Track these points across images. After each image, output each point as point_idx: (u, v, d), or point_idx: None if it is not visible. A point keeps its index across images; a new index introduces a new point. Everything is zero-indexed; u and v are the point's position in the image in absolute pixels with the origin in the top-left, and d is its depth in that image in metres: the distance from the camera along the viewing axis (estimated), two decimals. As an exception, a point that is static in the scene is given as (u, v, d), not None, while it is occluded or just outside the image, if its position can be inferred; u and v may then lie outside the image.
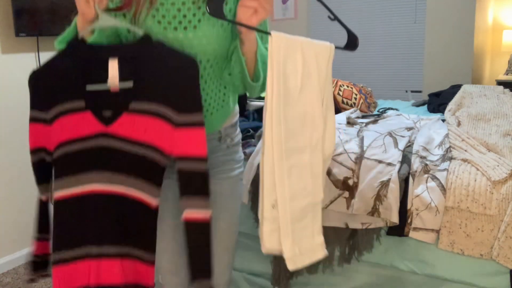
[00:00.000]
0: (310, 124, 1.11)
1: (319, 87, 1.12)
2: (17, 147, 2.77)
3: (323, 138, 1.17)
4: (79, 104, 1.00)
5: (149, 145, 0.99)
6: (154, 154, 0.99)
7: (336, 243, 1.72)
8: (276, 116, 1.04)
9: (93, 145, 0.98)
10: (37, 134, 1.04)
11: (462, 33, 3.78)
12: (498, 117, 2.09)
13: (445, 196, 1.53)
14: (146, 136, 0.98)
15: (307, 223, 1.15)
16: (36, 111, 1.04)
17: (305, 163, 1.11)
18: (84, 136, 0.98)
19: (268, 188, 1.05)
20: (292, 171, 1.08)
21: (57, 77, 1.02)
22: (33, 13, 2.65)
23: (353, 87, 2.59)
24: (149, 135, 0.98)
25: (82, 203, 0.99)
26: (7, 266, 2.75)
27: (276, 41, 1.04)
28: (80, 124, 0.99)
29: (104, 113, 0.99)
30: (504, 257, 1.45)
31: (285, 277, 1.80)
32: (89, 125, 0.99)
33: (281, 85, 1.05)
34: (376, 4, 4.18)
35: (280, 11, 4.65)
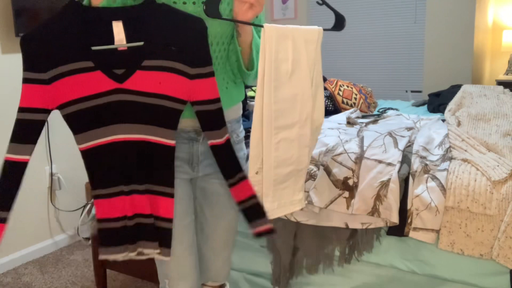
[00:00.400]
0: (300, 104, 1.24)
1: (309, 69, 1.25)
2: (17, 147, 2.77)
3: (313, 111, 1.30)
4: (86, 64, 1.03)
5: (165, 95, 1.07)
6: (170, 102, 1.08)
7: (336, 243, 1.72)
8: (267, 98, 1.18)
9: (109, 101, 1.04)
10: (32, 94, 1.03)
11: (462, 33, 3.78)
12: (498, 117, 2.09)
13: (445, 196, 1.53)
14: (161, 88, 1.06)
15: (289, 184, 1.31)
16: (30, 73, 1.03)
17: (293, 137, 1.26)
18: (98, 93, 1.04)
19: (253, 158, 1.22)
20: (280, 145, 1.24)
21: (55, 38, 1.03)
22: (33, 13, 2.65)
23: (353, 87, 2.59)
24: (164, 87, 1.07)
25: (107, 151, 1.08)
26: (7, 266, 2.75)
27: (269, 32, 1.15)
28: (91, 83, 1.03)
29: (116, 71, 1.04)
30: (504, 257, 1.45)
31: (285, 277, 1.80)
32: (102, 83, 1.03)
33: (272, 71, 1.17)
34: (376, 4, 4.18)
35: (280, 11, 4.65)
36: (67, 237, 3.08)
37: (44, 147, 2.91)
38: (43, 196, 2.93)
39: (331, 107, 2.45)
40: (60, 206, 3.04)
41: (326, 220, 1.70)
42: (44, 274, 2.68)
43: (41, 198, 2.92)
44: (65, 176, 3.03)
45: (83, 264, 2.78)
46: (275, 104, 1.19)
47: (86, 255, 2.90)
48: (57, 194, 3.02)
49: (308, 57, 1.24)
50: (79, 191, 3.16)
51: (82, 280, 2.59)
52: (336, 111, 2.46)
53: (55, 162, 2.97)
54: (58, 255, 2.93)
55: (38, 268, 2.76)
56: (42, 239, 2.95)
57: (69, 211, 3.09)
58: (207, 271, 1.45)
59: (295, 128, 1.25)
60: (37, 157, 2.87)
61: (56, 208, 3.01)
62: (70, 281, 2.59)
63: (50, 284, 2.56)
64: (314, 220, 1.72)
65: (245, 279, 1.95)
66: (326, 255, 1.75)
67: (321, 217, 1.71)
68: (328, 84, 2.59)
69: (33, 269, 2.75)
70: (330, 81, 2.62)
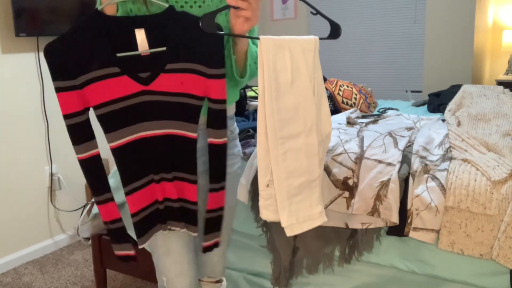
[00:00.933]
0: (303, 113, 1.25)
1: (309, 78, 1.25)
2: (17, 147, 2.77)
3: (319, 121, 1.30)
4: (113, 70, 1.13)
5: (186, 94, 1.19)
6: (191, 100, 1.20)
7: (336, 243, 1.72)
8: (269, 108, 1.19)
9: (137, 102, 1.16)
10: (68, 101, 1.12)
11: (462, 33, 3.78)
12: (498, 117, 2.09)
13: (445, 196, 1.53)
14: (182, 87, 1.18)
15: (304, 197, 1.29)
16: (61, 82, 1.11)
17: (300, 146, 1.25)
18: (126, 96, 1.14)
19: (262, 170, 1.23)
20: (287, 155, 1.23)
21: (81, 47, 1.11)
22: (33, 13, 2.65)
23: (353, 87, 2.59)
24: (185, 87, 1.18)
25: (137, 146, 1.19)
26: (7, 266, 2.75)
27: (265, 43, 1.17)
28: (120, 87, 1.14)
29: (141, 75, 1.15)
30: (504, 257, 1.45)
31: (285, 277, 1.80)
32: (129, 86, 1.15)
33: (272, 81, 1.18)
34: (376, 4, 4.18)
35: (280, 11, 4.65)
36: (67, 237, 3.08)
37: (44, 147, 2.91)
38: (43, 196, 2.93)
39: (331, 107, 2.45)
40: (60, 206, 3.04)
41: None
42: (44, 274, 2.68)
43: (41, 198, 2.92)
44: (65, 176, 3.03)
45: (83, 264, 2.79)
46: (278, 114, 1.20)
47: (86, 255, 2.90)
48: (57, 194, 3.02)
49: (307, 66, 1.25)
50: (79, 191, 3.16)
51: (82, 280, 2.59)
52: (336, 111, 2.46)
53: (55, 162, 2.97)
54: (58, 255, 2.93)
55: (38, 268, 2.76)
56: (42, 239, 2.95)
57: (69, 211, 3.09)
58: (203, 266, 1.49)
59: (301, 138, 1.25)
60: (37, 157, 2.87)
61: (56, 208, 3.01)
62: (70, 281, 2.59)
63: (50, 284, 2.56)
64: (314, 220, 1.72)
65: (245, 279, 1.95)
66: (326, 255, 1.75)
67: (321, 217, 1.71)
68: (328, 84, 2.59)
69: (33, 269, 2.75)
70: (330, 81, 2.62)
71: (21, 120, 2.78)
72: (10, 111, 2.72)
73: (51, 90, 2.91)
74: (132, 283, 2.54)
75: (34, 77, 2.82)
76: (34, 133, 2.85)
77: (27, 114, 2.81)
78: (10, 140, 2.74)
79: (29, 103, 2.81)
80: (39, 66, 2.84)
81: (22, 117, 2.78)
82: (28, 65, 2.79)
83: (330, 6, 4.40)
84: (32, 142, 2.84)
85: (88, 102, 1.14)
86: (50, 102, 2.91)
